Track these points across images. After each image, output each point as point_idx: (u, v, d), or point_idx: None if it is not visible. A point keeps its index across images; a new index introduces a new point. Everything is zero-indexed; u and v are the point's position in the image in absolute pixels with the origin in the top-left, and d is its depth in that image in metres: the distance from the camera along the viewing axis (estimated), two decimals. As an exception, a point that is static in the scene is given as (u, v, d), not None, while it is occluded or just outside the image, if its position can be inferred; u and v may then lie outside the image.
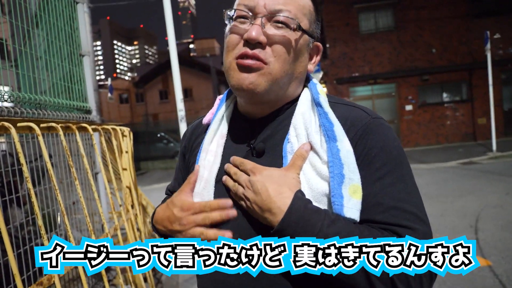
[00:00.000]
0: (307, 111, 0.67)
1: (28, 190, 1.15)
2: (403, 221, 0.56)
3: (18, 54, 2.00)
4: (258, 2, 0.63)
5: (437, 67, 12.09)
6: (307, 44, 0.68)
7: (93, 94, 2.71)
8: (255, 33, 0.61)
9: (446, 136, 12.27)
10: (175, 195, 0.70)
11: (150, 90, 25.55)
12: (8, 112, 1.55)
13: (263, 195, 0.58)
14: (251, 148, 0.69)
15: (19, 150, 1.17)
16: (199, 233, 0.63)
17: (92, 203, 2.68)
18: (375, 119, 0.64)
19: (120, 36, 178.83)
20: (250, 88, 0.63)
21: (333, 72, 12.48)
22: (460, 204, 4.72)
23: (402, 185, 0.60)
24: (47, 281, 1.17)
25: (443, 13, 11.97)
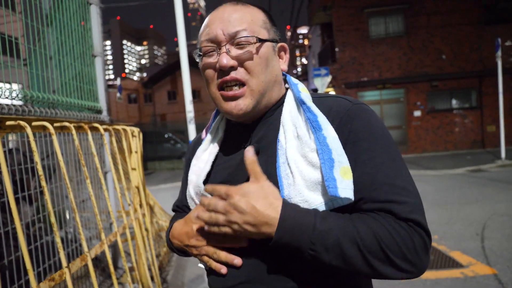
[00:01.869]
0: (293, 109, 0.71)
1: (42, 188, 1.19)
2: (394, 196, 0.60)
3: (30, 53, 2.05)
4: (217, 32, 0.69)
5: (447, 74, 12.00)
6: (272, 49, 0.73)
7: (104, 94, 2.76)
8: (225, 60, 0.67)
9: (454, 143, 12.14)
10: (192, 212, 0.75)
11: (158, 90, 25.77)
12: (23, 111, 1.60)
13: (253, 212, 0.59)
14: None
15: (34, 148, 1.21)
16: (212, 252, 0.70)
17: (100, 201, 2.72)
18: (357, 104, 0.68)
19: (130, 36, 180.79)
20: (240, 113, 0.70)
21: (341, 76, 12.45)
22: (467, 212, 4.67)
23: (390, 162, 0.63)
24: (58, 277, 1.20)
25: (454, 20, 11.89)
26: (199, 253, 0.72)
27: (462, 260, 3.16)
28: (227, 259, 0.68)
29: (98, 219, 1.50)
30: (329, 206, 0.62)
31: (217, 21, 0.71)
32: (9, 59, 1.67)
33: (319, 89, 10.52)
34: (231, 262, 0.67)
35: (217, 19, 0.71)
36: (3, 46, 1.63)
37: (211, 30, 0.70)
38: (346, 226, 0.58)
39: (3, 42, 1.63)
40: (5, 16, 1.71)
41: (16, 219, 1.06)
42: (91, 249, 1.43)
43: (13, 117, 1.24)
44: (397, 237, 0.57)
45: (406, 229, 0.58)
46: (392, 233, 0.57)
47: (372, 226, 0.57)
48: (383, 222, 0.58)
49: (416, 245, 0.57)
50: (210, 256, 0.70)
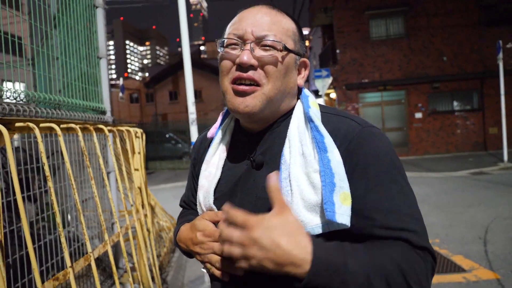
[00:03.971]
0: (301, 124, 0.71)
1: (49, 188, 1.21)
2: (404, 223, 0.61)
3: (36, 54, 2.07)
4: (246, 30, 0.69)
5: (448, 75, 12.00)
6: (294, 61, 0.73)
7: (108, 95, 2.79)
8: (246, 57, 0.67)
9: (456, 145, 12.13)
10: (198, 219, 0.75)
11: (160, 90, 25.83)
12: (30, 111, 1.62)
13: (278, 251, 0.52)
14: (252, 161, 0.74)
15: (42, 150, 1.23)
16: (215, 261, 0.69)
17: (103, 201, 2.74)
18: (366, 128, 0.68)
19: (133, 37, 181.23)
20: (246, 111, 0.69)
21: (342, 77, 12.47)
22: (469, 215, 4.65)
23: (398, 189, 0.63)
24: (62, 277, 1.22)
25: (455, 21, 11.89)
26: (203, 260, 0.73)
27: (464, 264, 3.13)
28: (229, 270, 0.68)
29: (101, 219, 1.52)
30: (324, 229, 0.62)
31: (249, 20, 0.70)
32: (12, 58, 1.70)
33: (320, 90, 10.53)
34: (233, 271, 0.68)
35: (249, 18, 0.70)
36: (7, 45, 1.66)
37: (241, 26, 0.70)
38: (374, 261, 0.56)
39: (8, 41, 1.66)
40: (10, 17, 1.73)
41: (23, 218, 1.08)
42: (94, 250, 1.45)
43: (21, 119, 1.26)
44: (417, 267, 0.58)
45: (422, 258, 0.59)
46: (413, 263, 0.58)
47: (395, 258, 0.57)
48: (403, 252, 0.58)
49: (428, 273, 0.59)
50: (213, 264, 0.71)
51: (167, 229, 4.00)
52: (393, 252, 0.58)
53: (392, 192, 0.62)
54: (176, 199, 7.50)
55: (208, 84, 23.26)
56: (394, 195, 0.62)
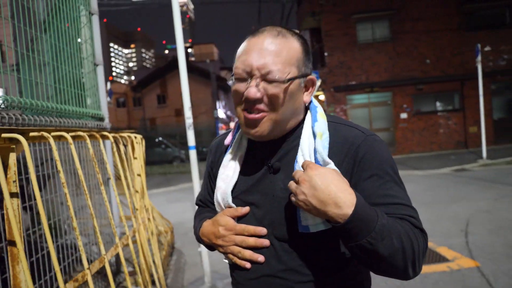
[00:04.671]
0: (311, 135, 0.80)
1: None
2: (407, 211, 0.73)
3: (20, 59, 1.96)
4: (252, 67, 0.75)
5: (431, 77, 12.40)
6: (298, 85, 0.79)
7: (105, 102, 2.83)
8: (252, 93, 0.75)
9: (439, 144, 12.54)
10: (220, 215, 0.85)
11: (148, 94, 25.57)
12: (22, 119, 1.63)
13: (326, 190, 0.64)
14: (269, 167, 0.82)
15: (57, 158, 1.29)
16: (237, 251, 0.80)
17: (102, 208, 2.78)
18: (369, 136, 0.79)
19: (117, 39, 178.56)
20: (257, 135, 0.79)
21: (330, 80, 12.71)
22: (452, 210, 4.90)
23: (398, 187, 0.76)
24: (81, 278, 1.29)
25: (437, 26, 12.32)
26: (225, 251, 0.83)
27: (448, 255, 3.36)
28: (252, 258, 0.78)
29: (112, 224, 1.59)
30: (326, 225, 0.73)
31: (254, 51, 0.76)
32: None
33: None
34: (255, 260, 0.78)
35: (255, 49, 0.76)
36: None
37: (247, 59, 0.76)
38: (394, 225, 0.67)
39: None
40: None
41: (43, 220, 1.14)
42: (107, 252, 1.51)
43: (35, 128, 1.32)
44: (419, 240, 0.70)
45: (422, 235, 0.72)
46: (417, 236, 0.70)
47: (406, 228, 0.69)
48: (410, 227, 0.71)
49: (425, 247, 0.72)
50: (235, 254, 0.80)
51: (165, 233, 4.04)
52: (404, 225, 0.70)
53: (394, 189, 0.75)
54: (170, 203, 7.48)
55: (197, 88, 23.08)
56: (396, 191, 0.75)
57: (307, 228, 0.74)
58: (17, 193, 1.22)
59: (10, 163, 1.23)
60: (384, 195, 0.73)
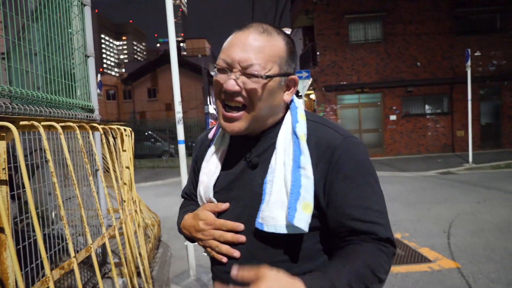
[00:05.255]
0: (288, 135, 0.81)
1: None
2: (374, 218, 0.75)
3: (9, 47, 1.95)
4: (233, 59, 0.77)
5: (421, 80, 12.61)
6: (278, 83, 0.80)
7: (96, 94, 2.82)
8: (230, 86, 0.77)
9: (426, 147, 12.78)
10: (200, 210, 0.88)
11: (138, 87, 25.30)
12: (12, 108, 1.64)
13: None
14: (248, 162, 0.84)
15: (47, 147, 1.30)
16: (215, 246, 0.82)
17: (90, 199, 2.78)
18: (347, 138, 0.79)
19: (108, 31, 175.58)
20: (234, 132, 0.81)
21: (322, 79, 12.80)
22: (436, 211, 5.02)
23: (371, 190, 0.77)
24: (67, 266, 1.31)
25: (428, 29, 12.52)
26: (204, 245, 0.86)
27: (430, 255, 3.44)
28: (228, 252, 0.80)
29: (99, 214, 1.60)
30: (289, 230, 0.74)
31: (238, 46, 0.78)
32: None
33: (300, 91, 10.78)
34: (231, 255, 0.80)
35: (239, 44, 0.78)
36: None
37: (230, 53, 0.78)
38: (351, 270, 0.68)
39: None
40: None
41: (32, 208, 1.16)
42: (94, 242, 1.53)
43: (26, 117, 1.32)
44: (382, 261, 0.72)
45: (385, 251, 0.74)
46: (379, 259, 0.72)
47: (366, 260, 0.71)
48: (371, 251, 0.72)
49: (390, 261, 0.75)
50: (213, 248, 0.83)
51: (151, 226, 4.05)
52: (364, 253, 0.72)
53: (367, 192, 0.76)
54: (158, 197, 7.47)
55: (188, 82, 22.95)
56: (368, 195, 0.76)
57: (262, 225, 0.76)
58: (6, 180, 1.23)
59: (0, 151, 1.24)
60: (355, 197, 0.75)
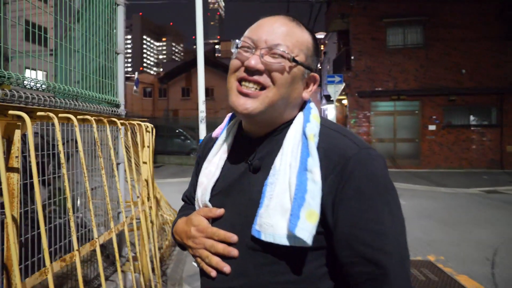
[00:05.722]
0: (297, 136, 0.72)
1: (62, 174, 1.29)
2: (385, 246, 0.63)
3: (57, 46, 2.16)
4: (261, 37, 0.72)
5: (466, 89, 11.79)
6: (302, 74, 0.74)
7: (123, 89, 2.88)
8: (254, 61, 0.70)
9: (470, 161, 11.88)
10: (194, 214, 0.80)
11: (173, 86, 26.15)
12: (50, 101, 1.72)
13: None
14: (249, 165, 0.76)
15: (59, 138, 1.31)
16: (205, 256, 0.74)
17: (111, 191, 2.84)
18: (363, 149, 0.68)
19: (150, 32, 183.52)
20: (244, 112, 0.72)
21: (355, 84, 12.41)
22: (478, 234, 4.53)
23: (389, 212, 0.65)
24: (69, 259, 1.30)
25: (475, 34, 11.70)
26: (194, 254, 0.78)
27: (468, 285, 3.06)
28: (218, 266, 0.71)
29: (108, 208, 1.60)
30: (290, 242, 0.64)
31: (265, 27, 0.73)
32: (36, 48, 1.79)
33: (332, 96, 10.52)
34: (221, 269, 0.71)
35: (267, 26, 0.73)
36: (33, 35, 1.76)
37: (257, 32, 0.73)
38: None
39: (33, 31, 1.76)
40: (36, 8, 1.83)
41: (38, 200, 1.16)
42: (100, 236, 1.52)
43: (42, 108, 1.34)
44: None
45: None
46: None
47: None
48: None
49: None
50: (203, 259, 0.75)
51: (170, 223, 4.08)
52: None
53: (383, 214, 0.64)
54: (181, 194, 7.56)
55: (220, 83, 23.43)
56: (384, 218, 0.64)
57: (259, 233, 0.67)
58: (18, 168, 1.25)
59: (15, 140, 1.26)
60: (369, 219, 0.63)
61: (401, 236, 0.65)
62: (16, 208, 1.18)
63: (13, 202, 1.16)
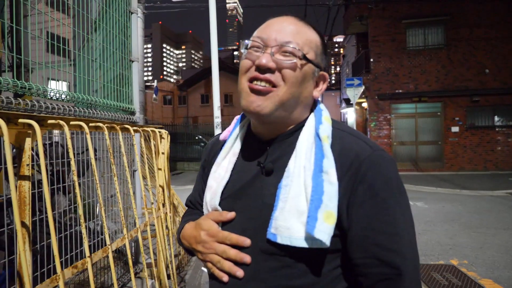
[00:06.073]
0: (310, 138, 0.72)
1: (73, 182, 1.31)
2: (399, 247, 0.64)
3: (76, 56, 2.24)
4: (270, 36, 0.72)
5: (490, 89, 11.34)
6: (312, 72, 0.74)
7: (138, 97, 2.93)
8: (265, 60, 0.69)
9: (495, 163, 11.39)
10: (203, 219, 0.78)
11: (192, 93, 26.59)
12: (64, 110, 1.76)
13: None
14: (262, 167, 0.75)
15: (70, 146, 1.33)
16: (216, 261, 0.72)
17: (129, 198, 2.88)
18: (376, 151, 0.69)
19: (170, 40, 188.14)
20: (257, 110, 0.71)
21: (375, 87, 12.16)
22: (504, 238, 4.37)
23: (401, 214, 0.66)
24: (81, 265, 1.31)
25: (499, 33, 11.25)
26: (204, 259, 0.76)
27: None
28: (230, 270, 0.70)
29: (121, 215, 1.61)
30: (308, 244, 0.64)
31: (274, 26, 0.73)
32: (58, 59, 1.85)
33: (351, 99, 10.34)
34: (234, 273, 0.70)
35: (276, 25, 0.73)
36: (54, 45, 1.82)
37: (266, 32, 0.73)
38: None
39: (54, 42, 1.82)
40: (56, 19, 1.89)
41: (48, 208, 1.17)
42: (113, 242, 1.53)
43: (53, 116, 1.37)
44: None
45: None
46: None
47: None
48: None
49: None
50: (214, 264, 0.73)
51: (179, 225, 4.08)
52: None
53: (397, 216, 0.65)
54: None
55: (238, 89, 23.65)
56: (398, 219, 0.65)
57: (275, 236, 0.66)
58: (29, 176, 1.27)
59: (26, 148, 1.29)
60: (383, 221, 0.64)
61: (413, 238, 0.66)
62: (28, 216, 1.20)
63: (25, 209, 1.18)
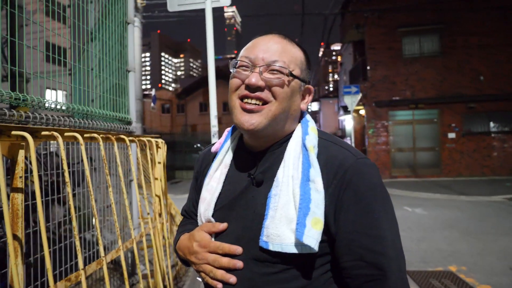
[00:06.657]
0: (297, 148, 0.76)
1: (67, 193, 1.30)
2: (384, 248, 0.67)
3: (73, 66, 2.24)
4: (258, 55, 0.76)
5: (485, 95, 11.44)
6: (299, 86, 0.78)
7: (134, 106, 2.94)
8: (254, 79, 0.73)
9: (492, 168, 11.42)
10: (197, 230, 0.81)
11: (191, 101, 26.65)
12: (59, 120, 1.76)
13: None
14: (252, 178, 0.77)
15: (63, 157, 1.33)
16: (209, 271, 0.75)
17: (124, 208, 2.86)
18: (360, 159, 0.73)
19: (168, 49, 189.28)
20: (251, 128, 0.74)
21: (372, 94, 12.24)
22: (502, 244, 4.36)
23: (386, 218, 0.69)
24: (74, 278, 1.30)
25: (494, 41, 11.41)
26: (197, 269, 0.78)
27: (491, 295, 2.97)
28: (223, 278, 0.73)
29: (116, 226, 1.60)
30: (298, 250, 0.67)
31: (261, 46, 0.77)
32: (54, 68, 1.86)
33: (349, 106, 10.40)
34: (227, 280, 0.73)
35: (262, 45, 0.77)
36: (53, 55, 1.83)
37: (254, 51, 0.76)
38: None
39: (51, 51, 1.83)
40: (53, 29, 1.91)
41: (41, 221, 1.16)
42: (107, 254, 1.52)
43: (47, 128, 1.37)
44: None
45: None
46: None
47: None
48: None
49: None
50: (207, 273, 0.76)
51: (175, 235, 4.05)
52: None
53: (381, 220, 0.68)
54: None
55: (237, 97, 23.70)
56: (382, 223, 0.68)
57: (267, 244, 0.69)
58: (22, 188, 1.27)
59: (19, 160, 1.29)
60: (367, 225, 0.68)
61: (397, 240, 0.69)
62: (21, 229, 1.19)
63: (17, 222, 1.17)
